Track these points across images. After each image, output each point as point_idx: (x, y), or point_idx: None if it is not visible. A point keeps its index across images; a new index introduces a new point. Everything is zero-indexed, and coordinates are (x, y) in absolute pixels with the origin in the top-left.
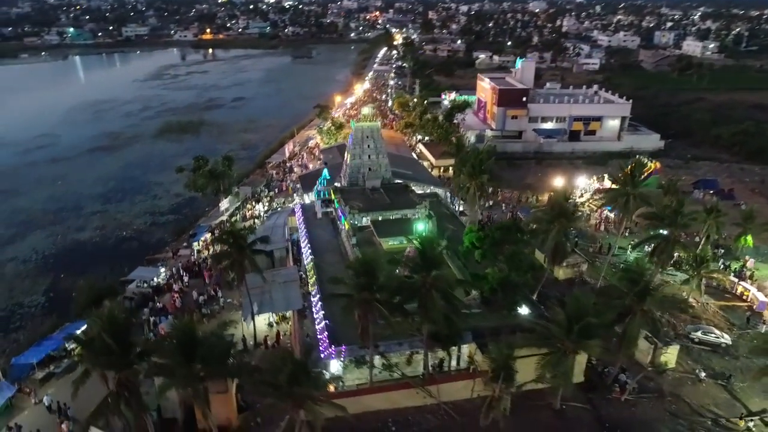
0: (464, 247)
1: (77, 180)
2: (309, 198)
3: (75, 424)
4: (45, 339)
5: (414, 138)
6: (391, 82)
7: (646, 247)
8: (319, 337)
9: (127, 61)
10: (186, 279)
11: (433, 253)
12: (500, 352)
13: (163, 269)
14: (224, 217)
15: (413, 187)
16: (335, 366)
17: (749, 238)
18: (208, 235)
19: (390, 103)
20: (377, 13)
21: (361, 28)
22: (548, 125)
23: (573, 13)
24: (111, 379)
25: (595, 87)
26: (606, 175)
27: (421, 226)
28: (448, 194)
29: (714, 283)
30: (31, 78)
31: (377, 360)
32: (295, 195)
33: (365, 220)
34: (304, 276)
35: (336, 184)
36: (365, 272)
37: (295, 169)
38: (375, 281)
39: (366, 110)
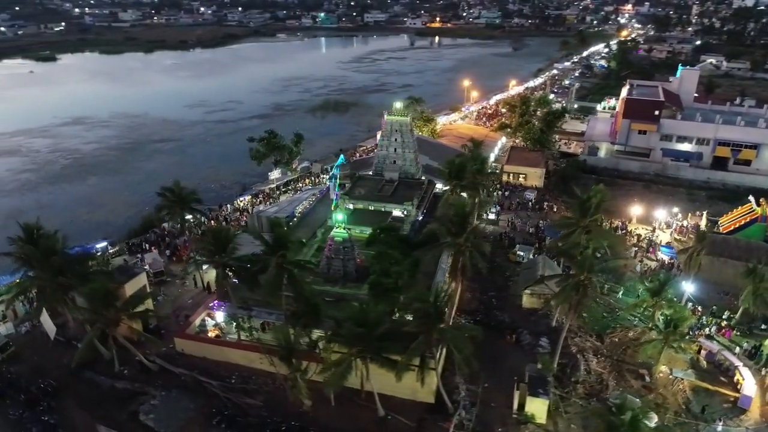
0: None
1: (222, 140)
2: None
3: None
4: (86, 246)
5: (515, 140)
6: (566, 82)
7: None
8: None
9: (358, 43)
10: None
11: (284, 237)
12: (286, 334)
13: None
14: (273, 185)
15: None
16: (220, 317)
17: None
18: (248, 197)
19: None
20: (629, 6)
21: (595, 21)
22: (684, 146)
23: None
24: None
25: None
26: (705, 213)
27: (341, 216)
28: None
29: (717, 360)
30: (271, 53)
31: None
32: None
33: (352, 207)
34: None
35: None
36: (215, 241)
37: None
38: (222, 250)
39: (398, 104)
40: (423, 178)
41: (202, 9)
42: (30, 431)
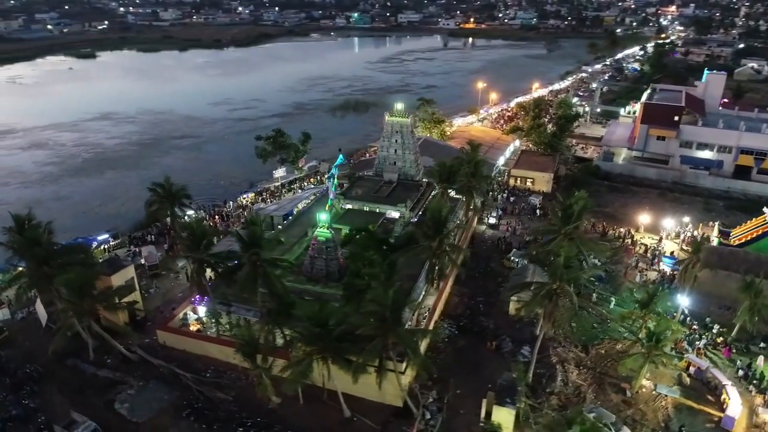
0: None
1: (240, 138)
2: None
3: None
4: (88, 237)
5: (527, 144)
6: (594, 85)
7: None
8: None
9: (390, 43)
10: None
11: (257, 236)
12: (249, 331)
13: (192, 211)
14: (277, 183)
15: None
16: (201, 311)
17: None
18: (251, 195)
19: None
20: (672, 8)
21: (634, 23)
22: (704, 154)
23: None
24: None
25: None
26: (717, 224)
27: (324, 216)
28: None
29: (705, 377)
30: (302, 52)
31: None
32: None
33: (348, 207)
34: None
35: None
36: (193, 236)
37: None
38: (197, 246)
39: (399, 105)
40: (424, 180)
41: (239, 9)
42: (10, 414)
